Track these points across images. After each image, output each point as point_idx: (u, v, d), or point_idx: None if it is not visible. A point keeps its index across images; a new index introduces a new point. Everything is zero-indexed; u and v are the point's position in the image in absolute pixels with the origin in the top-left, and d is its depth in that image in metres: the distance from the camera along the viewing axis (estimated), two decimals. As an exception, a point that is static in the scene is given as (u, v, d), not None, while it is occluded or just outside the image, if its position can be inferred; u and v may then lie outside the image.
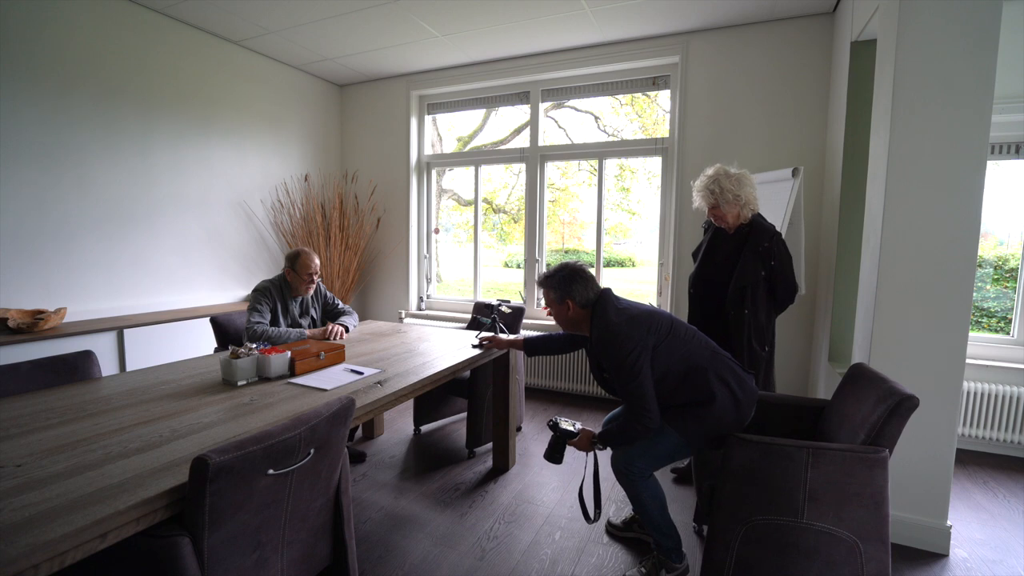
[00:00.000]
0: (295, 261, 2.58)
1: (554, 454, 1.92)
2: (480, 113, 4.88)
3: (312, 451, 1.25)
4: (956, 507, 2.34)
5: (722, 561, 1.56)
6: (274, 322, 2.54)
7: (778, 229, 2.26)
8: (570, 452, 2.92)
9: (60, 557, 0.89)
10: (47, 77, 2.79)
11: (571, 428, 1.89)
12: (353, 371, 1.99)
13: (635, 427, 1.69)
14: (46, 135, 2.80)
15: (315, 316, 2.76)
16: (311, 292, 2.65)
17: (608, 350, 1.70)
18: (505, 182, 5.44)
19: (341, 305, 2.85)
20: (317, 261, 2.62)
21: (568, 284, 1.80)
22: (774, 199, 2.73)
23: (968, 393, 2.89)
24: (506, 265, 6.18)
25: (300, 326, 2.66)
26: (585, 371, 3.85)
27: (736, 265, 2.16)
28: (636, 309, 1.77)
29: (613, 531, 2.14)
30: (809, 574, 1.49)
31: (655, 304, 3.92)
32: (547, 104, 4.28)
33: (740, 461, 1.54)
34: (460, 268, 5.27)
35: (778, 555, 1.50)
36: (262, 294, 2.52)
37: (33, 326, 2.60)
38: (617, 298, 1.82)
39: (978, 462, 2.83)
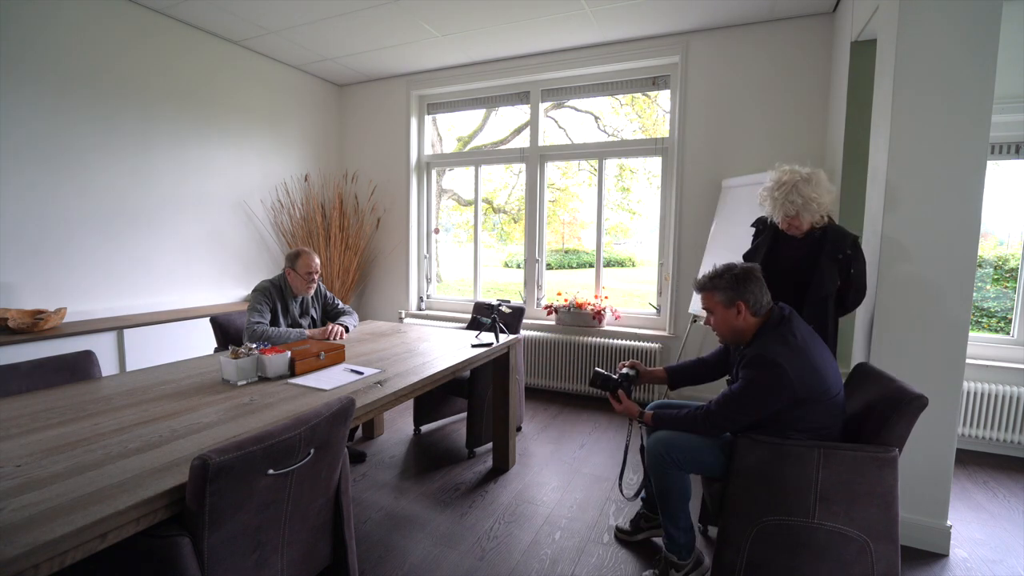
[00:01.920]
0: (295, 261, 2.58)
1: (607, 386, 1.94)
2: (480, 113, 4.88)
3: (312, 451, 1.25)
4: (956, 507, 2.34)
5: (733, 562, 1.56)
6: (274, 322, 2.53)
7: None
8: (570, 452, 2.92)
9: (60, 557, 0.89)
10: (47, 77, 2.79)
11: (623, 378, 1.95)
12: (353, 371, 1.99)
13: (700, 426, 1.67)
14: (46, 135, 2.80)
15: (315, 316, 2.76)
16: (311, 292, 2.65)
17: (750, 369, 1.57)
18: (505, 182, 5.43)
19: (341, 305, 2.85)
20: (317, 261, 2.62)
21: (743, 285, 1.64)
22: (774, 199, 2.73)
23: (968, 393, 2.89)
24: (506, 265, 6.18)
25: (300, 326, 2.66)
26: (585, 372, 3.85)
27: (805, 271, 1.92)
28: (808, 355, 1.55)
29: (623, 536, 2.10)
30: (820, 574, 1.49)
31: (655, 304, 3.92)
32: (547, 104, 4.28)
33: (751, 462, 1.54)
34: (460, 268, 5.27)
35: (789, 555, 1.51)
36: (262, 294, 2.52)
37: (33, 326, 2.59)
38: (800, 327, 1.62)
39: (978, 462, 2.83)
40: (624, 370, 1.99)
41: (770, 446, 1.52)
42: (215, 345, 2.74)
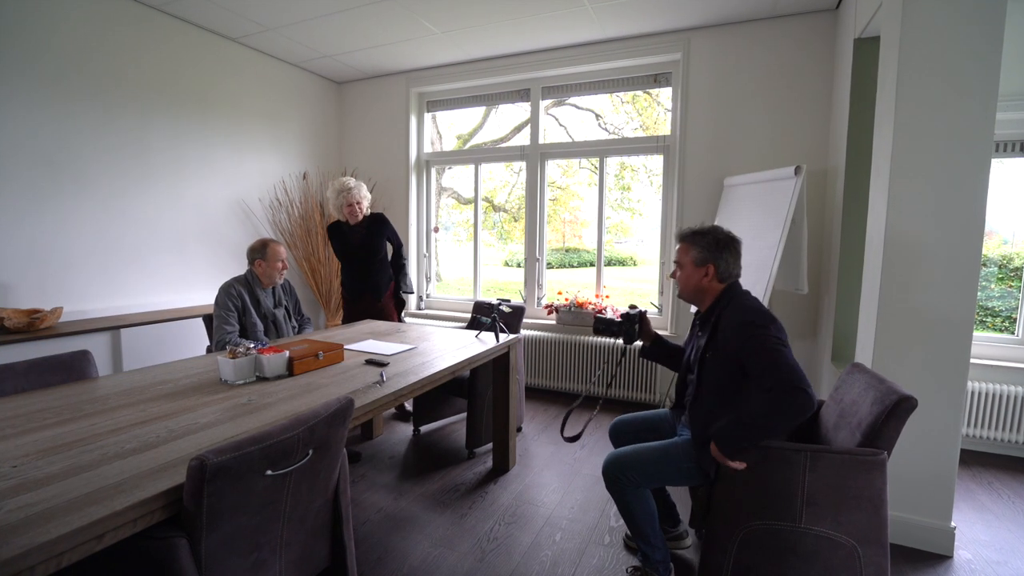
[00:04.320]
0: (264, 251, 2.59)
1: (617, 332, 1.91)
2: (480, 111, 4.86)
3: (311, 452, 1.24)
4: (960, 508, 2.32)
5: (719, 567, 1.54)
6: (245, 317, 2.53)
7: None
8: (571, 452, 2.90)
9: (57, 559, 0.88)
10: (43, 75, 2.77)
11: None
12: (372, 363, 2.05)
13: (787, 408, 1.39)
14: (42, 133, 2.78)
15: (289, 307, 2.77)
16: (282, 280, 2.68)
17: (755, 333, 1.50)
18: (505, 180, 5.42)
19: (304, 317, 2.90)
20: (284, 250, 2.66)
21: (720, 249, 1.66)
22: (776, 198, 2.72)
23: (972, 393, 2.87)
24: (506, 264, 6.17)
25: (275, 316, 2.65)
26: (585, 372, 3.84)
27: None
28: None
29: (633, 546, 2.06)
30: (808, 580, 1.47)
31: (657, 303, 3.90)
32: (547, 102, 4.26)
33: None
34: (460, 267, 5.26)
35: (776, 560, 1.48)
36: (227, 297, 2.51)
37: (29, 326, 2.58)
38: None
39: (982, 463, 2.82)
40: (632, 311, 1.94)
41: (756, 449, 1.48)
42: (207, 344, 2.72)
